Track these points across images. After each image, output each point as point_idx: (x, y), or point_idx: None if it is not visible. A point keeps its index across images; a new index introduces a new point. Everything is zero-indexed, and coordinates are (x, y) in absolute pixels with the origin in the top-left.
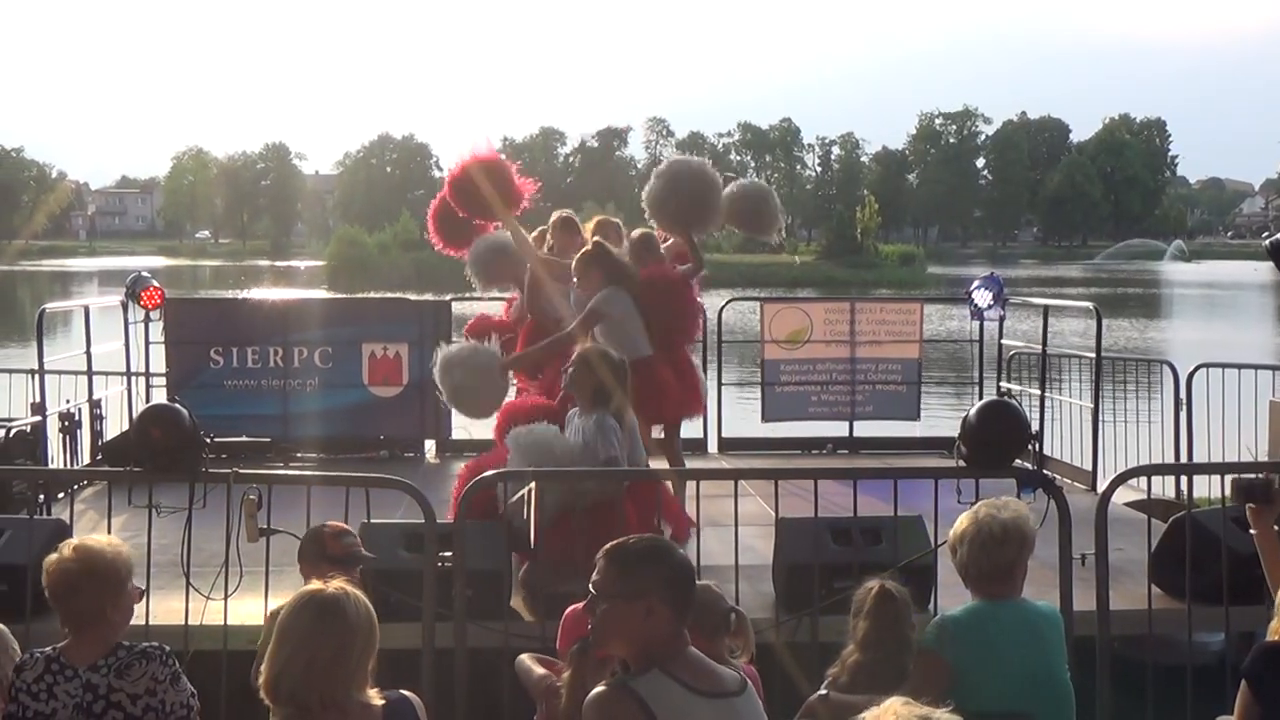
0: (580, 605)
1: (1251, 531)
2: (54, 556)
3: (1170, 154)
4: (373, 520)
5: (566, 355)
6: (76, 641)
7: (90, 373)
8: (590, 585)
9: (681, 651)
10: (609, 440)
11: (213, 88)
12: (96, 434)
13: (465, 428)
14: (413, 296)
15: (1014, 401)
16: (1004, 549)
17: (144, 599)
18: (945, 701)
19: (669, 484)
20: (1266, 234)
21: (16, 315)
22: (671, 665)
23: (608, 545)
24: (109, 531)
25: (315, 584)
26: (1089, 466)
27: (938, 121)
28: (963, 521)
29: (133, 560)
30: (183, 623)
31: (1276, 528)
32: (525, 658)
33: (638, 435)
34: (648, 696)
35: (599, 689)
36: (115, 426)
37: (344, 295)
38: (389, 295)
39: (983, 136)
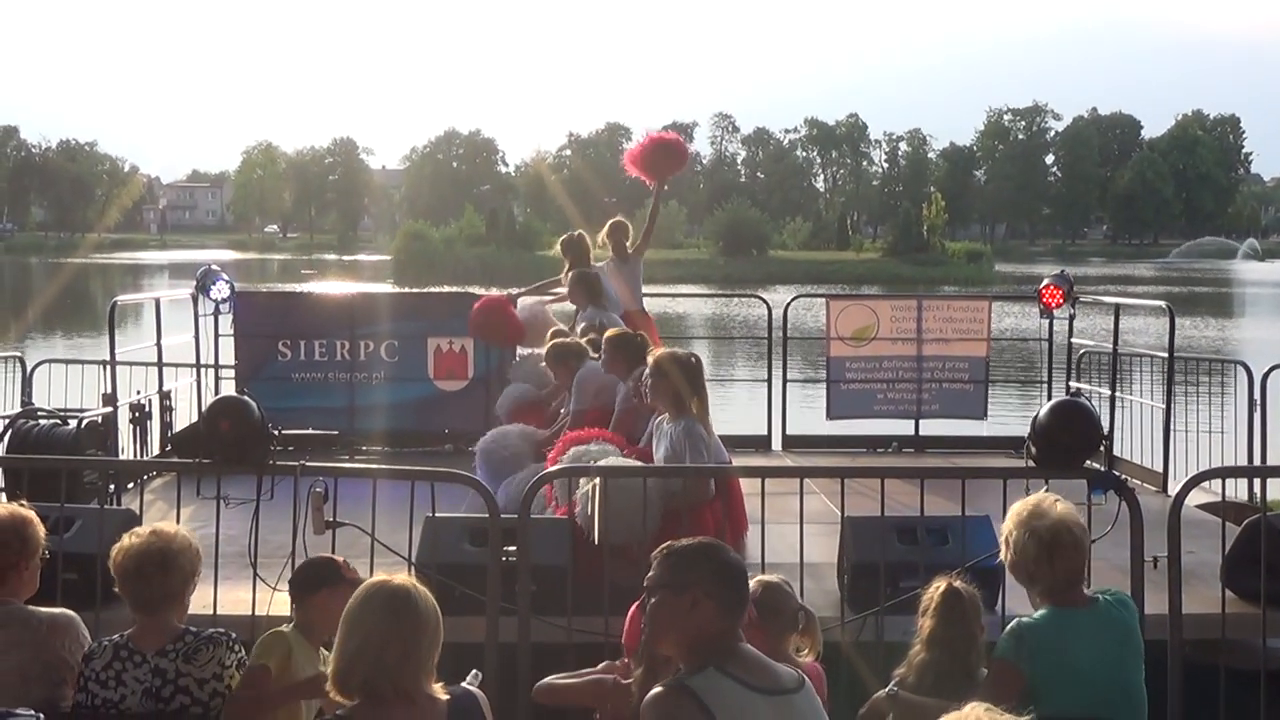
0: None
1: None
2: (125, 541)
3: (1244, 151)
4: (437, 514)
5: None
6: (144, 627)
7: (160, 364)
8: (644, 582)
9: (735, 648)
10: (697, 449)
11: (282, 83)
12: (166, 425)
13: None
14: (478, 291)
15: (1086, 401)
16: (1079, 553)
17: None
18: (1020, 710)
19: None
20: None
21: (89, 307)
22: (726, 662)
23: (663, 544)
24: (178, 522)
25: (381, 575)
26: (1159, 468)
27: (1006, 117)
28: (1039, 529)
29: (200, 549)
30: (249, 613)
31: None
32: (545, 681)
33: (718, 440)
34: (705, 695)
35: (656, 689)
36: (185, 418)
37: (410, 290)
38: (454, 290)
39: (1052, 133)
